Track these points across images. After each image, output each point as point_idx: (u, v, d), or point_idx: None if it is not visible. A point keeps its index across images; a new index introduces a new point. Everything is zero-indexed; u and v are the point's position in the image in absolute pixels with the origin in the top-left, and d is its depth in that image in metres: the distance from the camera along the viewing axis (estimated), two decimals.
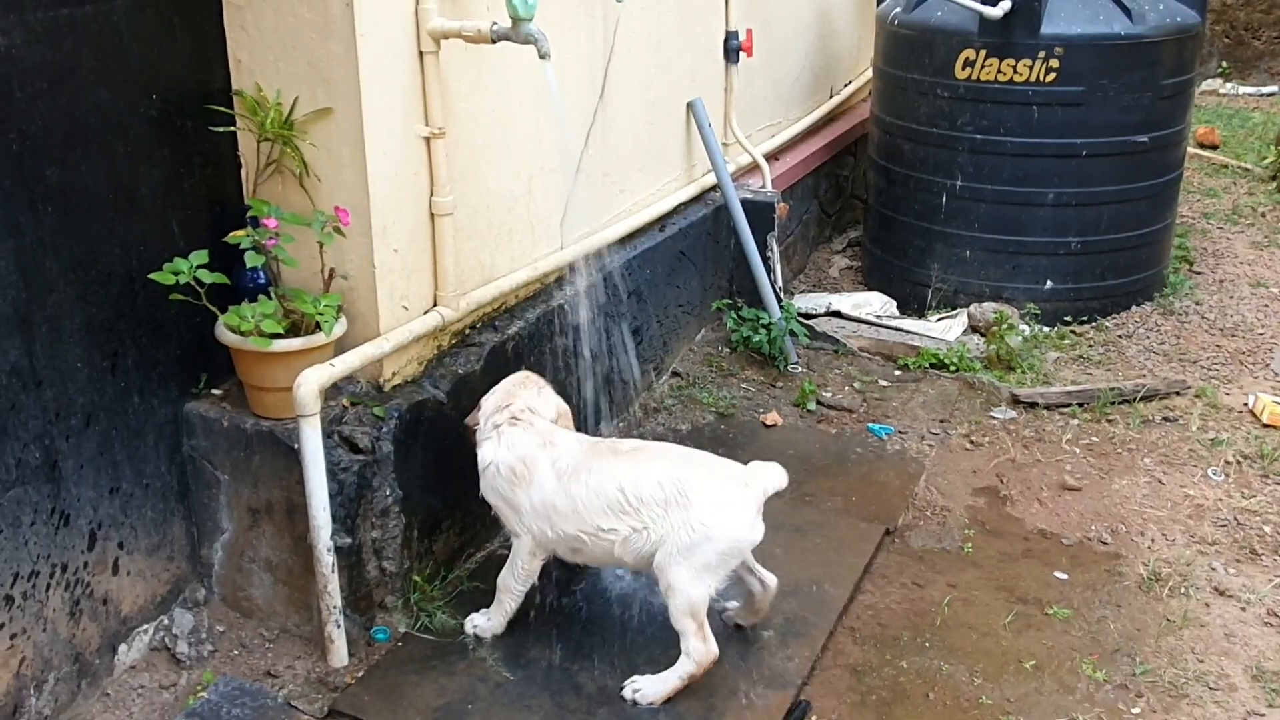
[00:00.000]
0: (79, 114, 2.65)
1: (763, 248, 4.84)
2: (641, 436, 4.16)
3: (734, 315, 4.85)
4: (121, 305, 2.81)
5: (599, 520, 2.89)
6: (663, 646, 3.08)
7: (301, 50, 2.90)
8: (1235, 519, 3.75)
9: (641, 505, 2.86)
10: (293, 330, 2.92)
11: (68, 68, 2.61)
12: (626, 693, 2.92)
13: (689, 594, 2.83)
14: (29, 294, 2.58)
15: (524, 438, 3.00)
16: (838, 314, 5.25)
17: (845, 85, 6.45)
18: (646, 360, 4.44)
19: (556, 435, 3.04)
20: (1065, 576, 3.48)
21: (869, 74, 6.22)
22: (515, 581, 3.06)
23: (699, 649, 2.87)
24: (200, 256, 2.81)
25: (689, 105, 4.66)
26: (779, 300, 4.83)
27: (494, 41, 3.02)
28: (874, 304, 5.37)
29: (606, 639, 3.13)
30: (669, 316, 4.61)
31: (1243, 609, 3.34)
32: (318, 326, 2.90)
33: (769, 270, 4.84)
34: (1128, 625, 3.26)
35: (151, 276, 2.76)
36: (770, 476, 2.99)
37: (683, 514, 2.83)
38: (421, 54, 3.04)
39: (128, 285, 2.82)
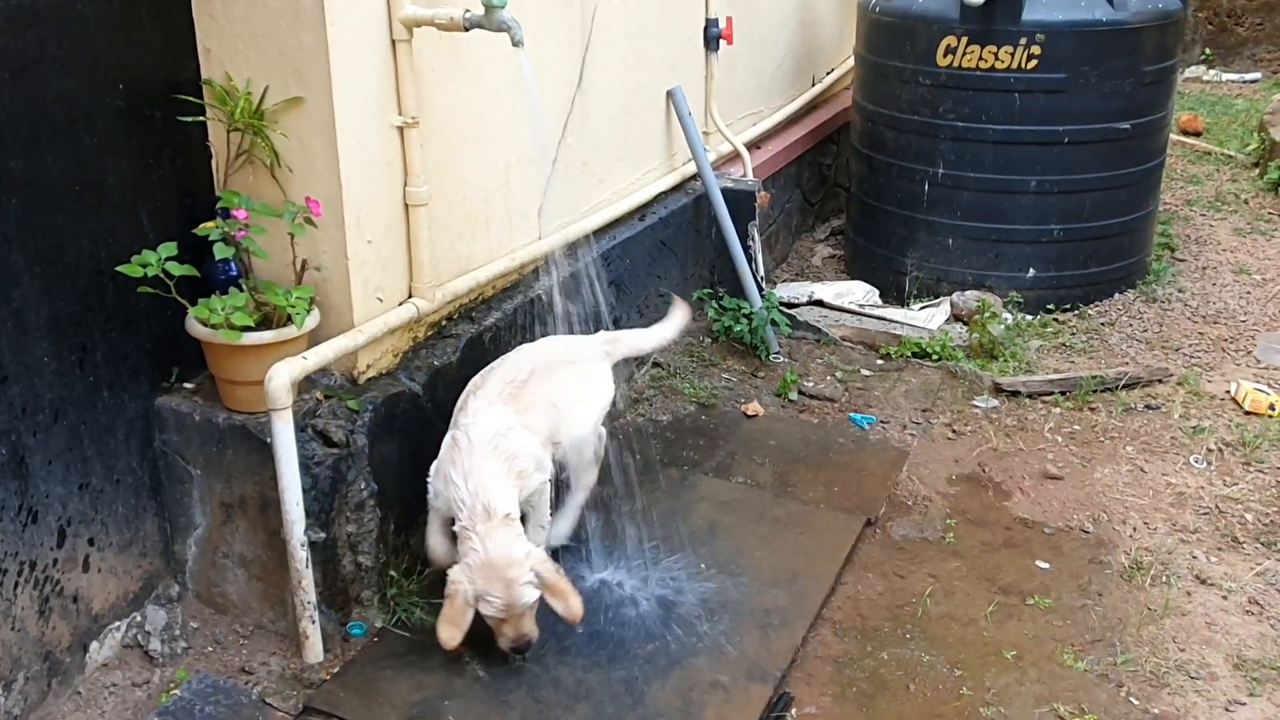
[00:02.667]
0: (44, 104, 2.60)
1: (744, 237, 4.81)
2: (622, 427, 4.13)
3: (715, 305, 4.82)
4: (90, 299, 2.77)
5: None
6: (641, 642, 3.07)
7: (271, 39, 2.85)
8: (1217, 507, 3.74)
9: None
10: (264, 323, 2.88)
11: (31, 57, 2.56)
12: None
13: None
14: None
15: None
16: (820, 303, 5.23)
17: (827, 73, 6.42)
18: None
19: None
20: (1047, 566, 3.47)
21: (851, 61, 6.18)
22: None
23: None
24: (169, 249, 2.76)
25: (669, 94, 4.62)
26: (760, 290, 4.81)
27: (467, 29, 2.99)
28: (856, 293, 5.35)
29: (586, 635, 3.10)
30: (650, 306, 4.58)
31: (1224, 597, 3.33)
32: (289, 319, 2.87)
33: (750, 259, 4.81)
34: (1109, 614, 3.25)
35: (119, 269, 2.71)
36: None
37: None
38: (394, 42, 3.00)
39: (96, 278, 2.78)
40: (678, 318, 3.66)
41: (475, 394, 3.09)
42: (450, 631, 2.82)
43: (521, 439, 3.03)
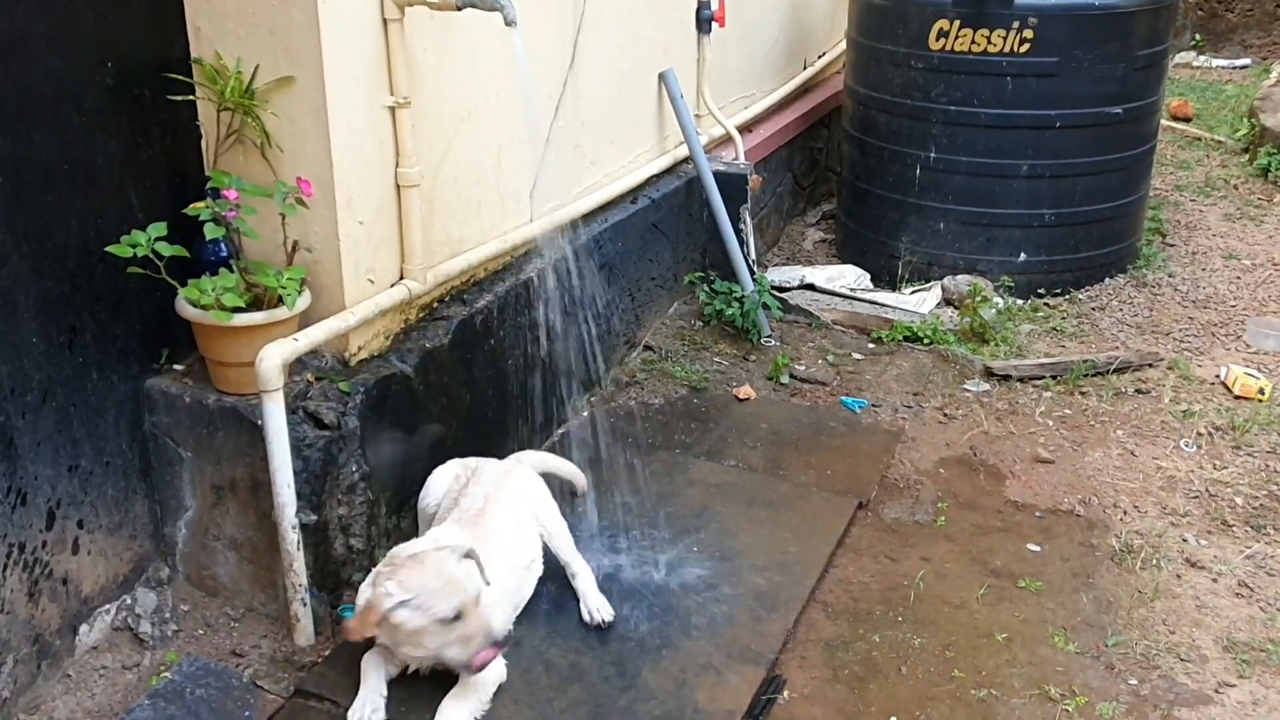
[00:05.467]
0: (31, 83, 2.57)
1: (736, 220, 4.80)
2: (614, 411, 4.13)
3: (707, 289, 4.81)
4: (78, 279, 2.75)
5: None
6: (634, 624, 3.07)
7: (262, 17, 2.83)
8: (1207, 490, 3.75)
9: None
10: (255, 304, 2.87)
11: (19, 35, 2.53)
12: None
13: None
14: None
15: None
16: (811, 287, 5.22)
17: (819, 56, 6.40)
18: (618, 334, 4.40)
19: None
20: (1038, 549, 3.47)
21: (842, 45, 6.16)
22: None
23: None
24: (159, 229, 2.74)
25: (661, 76, 4.60)
26: (752, 273, 4.80)
27: (459, 9, 2.96)
28: (848, 277, 5.34)
29: (577, 618, 3.09)
30: (641, 290, 4.57)
31: (1214, 580, 3.34)
32: (280, 300, 2.85)
33: (742, 243, 4.80)
34: (1100, 597, 3.26)
35: (109, 249, 2.69)
36: None
37: None
38: (385, 21, 2.97)
39: (85, 258, 2.75)
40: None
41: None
42: None
43: None
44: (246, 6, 2.83)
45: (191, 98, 2.92)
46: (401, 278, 3.23)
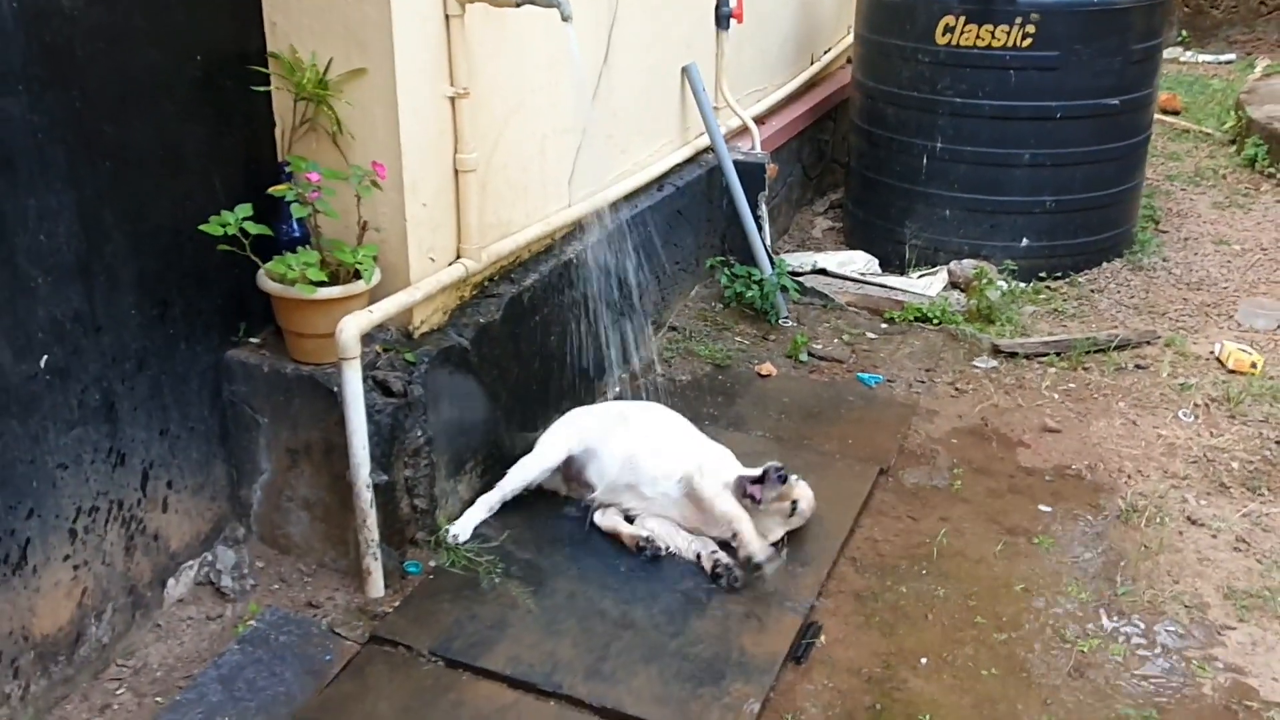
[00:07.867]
0: (132, 73, 2.79)
1: (753, 207, 5.02)
2: (645, 386, 4.35)
3: (727, 272, 5.04)
4: (170, 256, 2.96)
5: None
6: (680, 580, 3.29)
7: (336, 13, 3.04)
8: (1205, 456, 4.00)
9: None
10: (331, 279, 3.08)
11: (121, 28, 2.75)
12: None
13: None
14: (89, 244, 2.73)
15: None
16: (823, 272, 5.44)
17: (825, 52, 6.63)
18: (647, 314, 4.62)
19: None
20: (1049, 509, 3.72)
21: (848, 40, 6.40)
22: None
23: None
24: (245, 209, 2.95)
25: (684, 70, 4.83)
26: (770, 258, 5.03)
27: (518, 5, 3.18)
28: (857, 262, 5.57)
29: (625, 574, 3.33)
30: (666, 273, 4.79)
31: (1214, 536, 3.59)
32: (356, 275, 3.07)
33: (760, 229, 5.03)
34: (1109, 552, 3.51)
35: (201, 228, 2.90)
36: None
37: None
38: (448, 18, 3.19)
39: (175, 237, 2.97)
40: None
41: None
42: None
43: None
44: (322, 3, 3.05)
45: (268, 88, 3.13)
46: (458, 257, 3.45)
